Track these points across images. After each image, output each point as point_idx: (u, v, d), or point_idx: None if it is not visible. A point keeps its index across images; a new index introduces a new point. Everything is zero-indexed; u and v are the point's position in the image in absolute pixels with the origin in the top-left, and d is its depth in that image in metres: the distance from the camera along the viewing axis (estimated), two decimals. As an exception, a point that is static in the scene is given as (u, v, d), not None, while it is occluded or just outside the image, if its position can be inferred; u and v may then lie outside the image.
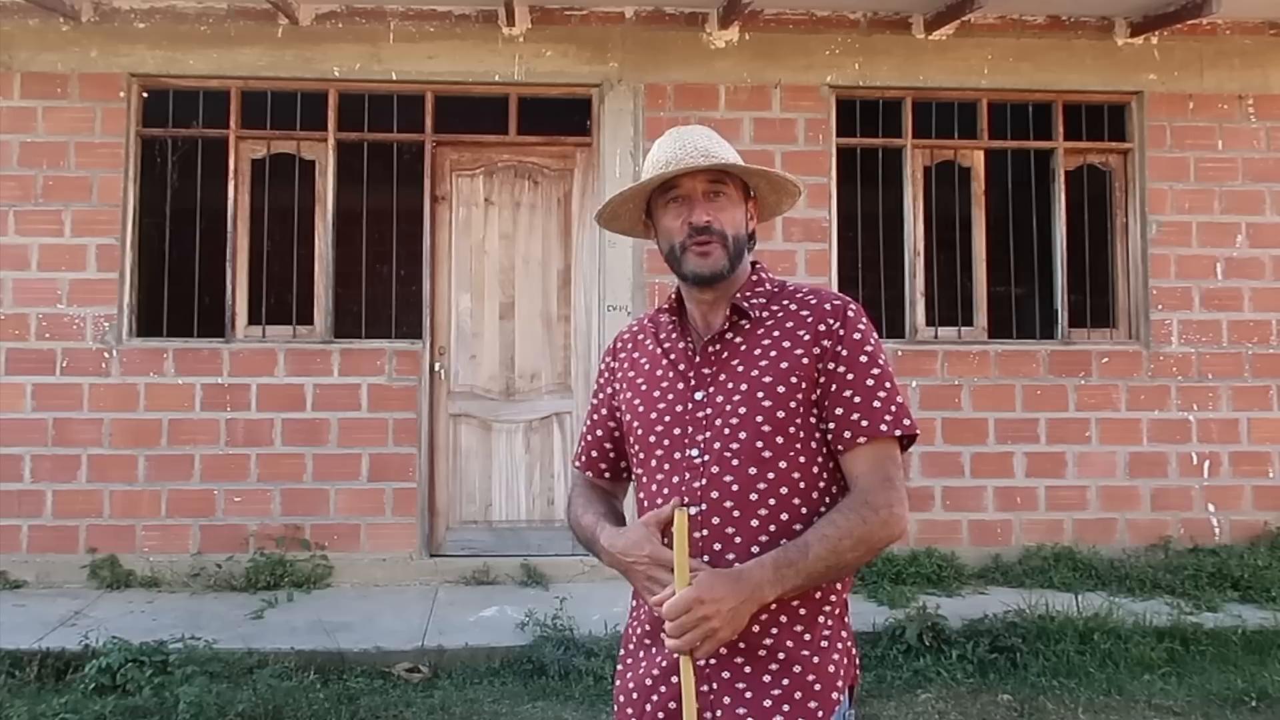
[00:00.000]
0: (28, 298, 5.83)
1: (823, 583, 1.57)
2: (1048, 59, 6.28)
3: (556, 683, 4.47)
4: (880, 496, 1.55)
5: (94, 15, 5.93)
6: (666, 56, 6.14)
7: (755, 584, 1.47)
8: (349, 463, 5.92)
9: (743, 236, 1.70)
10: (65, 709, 3.98)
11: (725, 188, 1.68)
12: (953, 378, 6.18)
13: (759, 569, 1.49)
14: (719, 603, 1.43)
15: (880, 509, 1.54)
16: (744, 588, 1.46)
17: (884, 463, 1.58)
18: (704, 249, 1.65)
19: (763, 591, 1.47)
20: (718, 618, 1.43)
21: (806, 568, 1.50)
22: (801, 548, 1.51)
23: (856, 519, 1.53)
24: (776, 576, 1.48)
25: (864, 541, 1.53)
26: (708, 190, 1.67)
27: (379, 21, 6.03)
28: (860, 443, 1.58)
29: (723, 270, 1.66)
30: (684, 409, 1.66)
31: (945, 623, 4.87)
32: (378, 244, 6.48)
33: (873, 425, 1.59)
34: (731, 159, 1.67)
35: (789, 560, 1.50)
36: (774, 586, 1.48)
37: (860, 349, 1.63)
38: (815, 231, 6.16)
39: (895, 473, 1.59)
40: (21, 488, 5.75)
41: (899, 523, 1.56)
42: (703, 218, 1.65)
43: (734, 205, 1.69)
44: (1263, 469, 6.27)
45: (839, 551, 1.51)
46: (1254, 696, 4.34)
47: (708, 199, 1.67)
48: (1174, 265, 6.31)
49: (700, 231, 1.65)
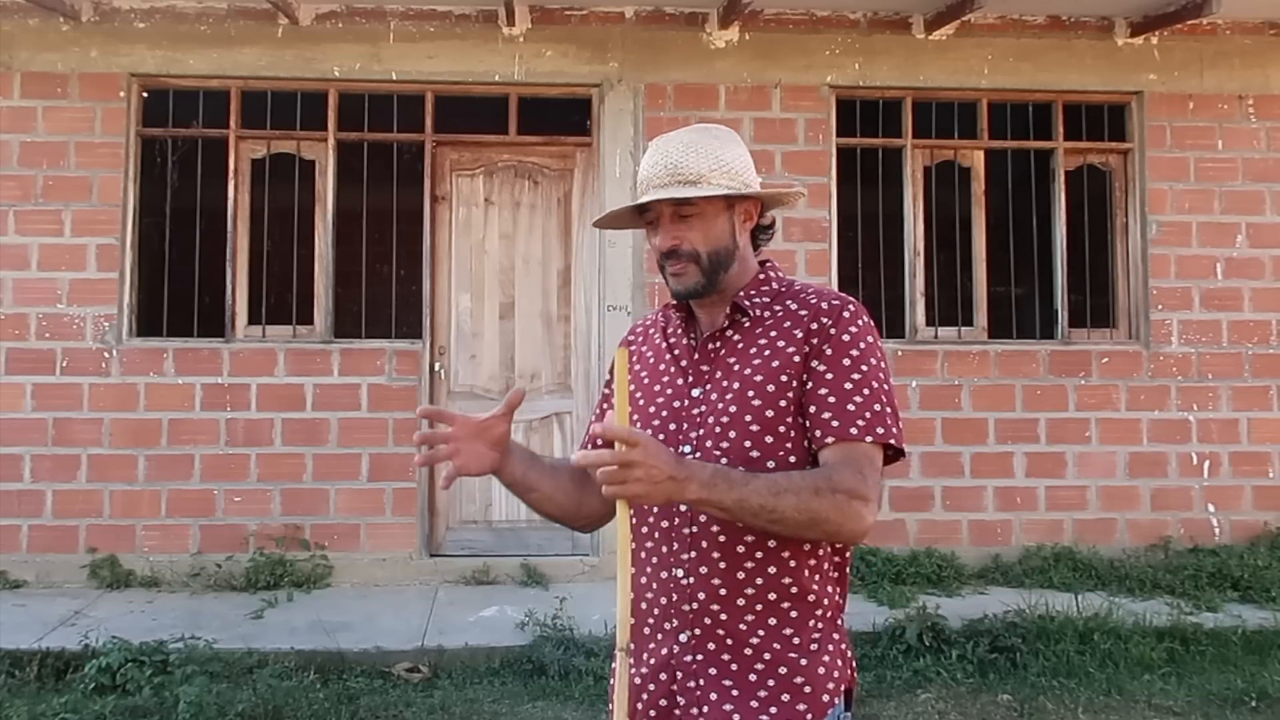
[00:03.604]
0: (28, 298, 5.83)
1: (756, 524, 1.50)
2: (1048, 59, 6.28)
3: (556, 683, 4.47)
4: (845, 481, 1.50)
5: (94, 15, 5.93)
6: (666, 56, 6.14)
7: (689, 474, 1.44)
8: (349, 463, 5.92)
9: (723, 248, 1.67)
10: (65, 709, 3.98)
11: (694, 206, 1.65)
12: (953, 378, 6.18)
13: (699, 467, 1.47)
14: (654, 463, 1.40)
15: (839, 490, 1.49)
16: (679, 468, 1.43)
17: (856, 459, 1.54)
18: (675, 270, 1.66)
19: (691, 485, 1.43)
20: (645, 477, 1.39)
21: (741, 493, 1.46)
22: (746, 476, 1.49)
23: (810, 484, 1.49)
24: (710, 481, 1.45)
25: (809, 509, 1.48)
26: (675, 211, 1.65)
27: (379, 21, 6.03)
28: (829, 442, 1.55)
29: (698, 288, 1.66)
30: (680, 405, 1.66)
31: (945, 623, 4.87)
32: (378, 244, 6.47)
33: (843, 427, 1.55)
34: (706, 168, 1.63)
35: (727, 476, 1.47)
36: (703, 489, 1.44)
37: (846, 350, 1.60)
38: (815, 231, 6.16)
39: (867, 471, 1.54)
40: (21, 487, 5.76)
41: (854, 515, 1.50)
42: (667, 242, 1.65)
43: (708, 220, 1.66)
44: (1263, 469, 6.27)
45: (778, 499, 1.47)
46: (1254, 696, 4.34)
47: (674, 221, 1.65)
48: (1174, 265, 6.31)
49: (668, 255, 1.66)
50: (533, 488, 1.73)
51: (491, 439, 1.65)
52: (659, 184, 1.64)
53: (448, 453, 1.63)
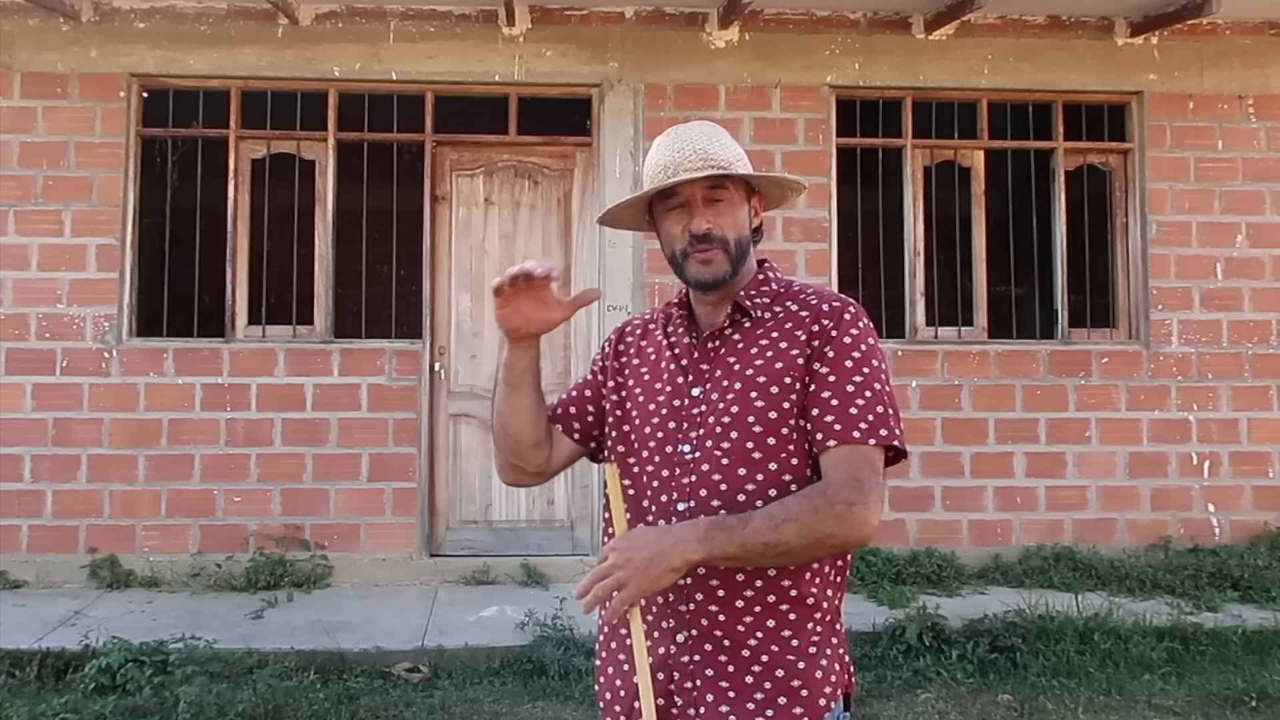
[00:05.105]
0: (28, 298, 5.83)
1: (765, 562, 1.51)
2: (1048, 59, 6.28)
3: (556, 683, 4.47)
4: (841, 492, 1.50)
5: (94, 15, 5.93)
6: (666, 56, 6.14)
7: (678, 538, 1.44)
8: (349, 463, 5.92)
9: (746, 238, 1.68)
10: (65, 709, 3.98)
11: (726, 191, 1.65)
12: (953, 378, 6.18)
13: (689, 527, 1.47)
14: (631, 551, 1.40)
15: (837, 503, 1.49)
16: (665, 540, 1.43)
17: (856, 464, 1.54)
18: (705, 256, 1.64)
19: (687, 547, 1.43)
20: (628, 567, 1.40)
21: (741, 537, 1.46)
22: (743, 518, 1.49)
23: (808, 506, 1.49)
24: (706, 535, 1.45)
25: (812, 531, 1.48)
26: (707, 196, 1.64)
27: (379, 21, 6.03)
28: (830, 445, 1.55)
29: (725, 275, 1.65)
30: (680, 404, 1.66)
31: (945, 623, 4.87)
32: (378, 244, 6.47)
33: (845, 430, 1.55)
34: (731, 158, 1.65)
35: (724, 525, 1.47)
36: (701, 545, 1.44)
37: (848, 352, 1.59)
38: (815, 231, 6.16)
39: (867, 475, 1.53)
40: (21, 488, 5.75)
41: (858, 523, 1.50)
42: (703, 226, 1.63)
43: (735, 207, 1.66)
44: (1263, 469, 6.27)
45: (780, 532, 1.46)
46: (1254, 696, 4.34)
47: (707, 205, 1.64)
48: (1174, 265, 6.31)
49: (701, 240, 1.64)
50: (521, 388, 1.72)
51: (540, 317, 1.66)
52: (690, 168, 1.62)
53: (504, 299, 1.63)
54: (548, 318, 1.66)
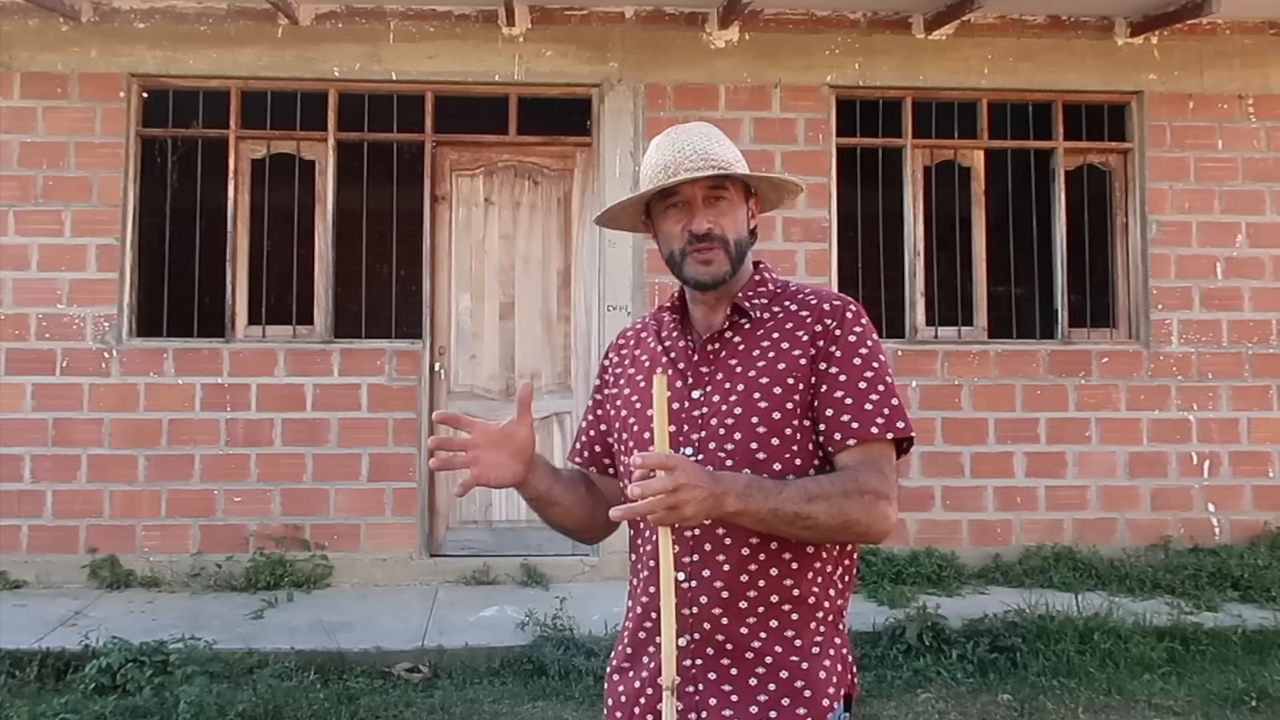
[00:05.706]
0: (28, 298, 5.83)
1: (789, 532, 1.50)
2: (1048, 59, 6.28)
3: (556, 683, 4.47)
4: (870, 480, 1.51)
5: (94, 15, 5.93)
6: (666, 56, 6.14)
7: (726, 486, 1.43)
8: (349, 463, 5.92)
9: (744, 238, 1.68)
10: (65, 709, 3.98)
11: (726, 191, 1.65)
12: (953, 378, 6.18)
13: (732, 478, 1.46)
14: (695, 485, 1.39)
15: (866, 492, 1.50)
16: (715, 482, 1.42)
17: (878, 460, 1.55)
18: (705, 255, 1.64)
19: (728, 497, 1.42)
20: (689, 494, 1.38)
21: (776, 502, 1.45)
22: (779, 484, 1.49)
23: (841, 488, 1.50)
24: (745, 492, 1.44)
25: (841, 512, 1.49)
26: (708, 195, 1.64)
27: (379, 21, 6.03)
28: (850, 444, 1.56)
29: (725, 275, 1.65)
30: (680, 407, 1.64)
31: (945, 623, 4.87)
32: (378, 244, 6.47)
33: (863, 427, 1.56)
34: (731, 159, 1.65)
35: (761, 486, 1.47)
36: (739, 500, 1.43)
37: (855, 350, 1.60)
38: (815, 231, 6.16)
39: (887, 469, 1.55)
40: (21, 488, 5.75)
41: (881, 516, 1.51)
42: (703, 225, 1.63)
43: (735, 208, 1.67)
44: (1263, 469, 6.27)
45: (812, 505, 1.47)
46: (1254, 696, 4.34)
47: (708, 205, 1.64)
48: (1174, 265, 6.31)
49: (701, 239, 1.64)
50: (555, 502, 1.71)
51: (513, 448, 1.63)
52: (691, 168, 1.62)
53: (465, 461, 1.62)
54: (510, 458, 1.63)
